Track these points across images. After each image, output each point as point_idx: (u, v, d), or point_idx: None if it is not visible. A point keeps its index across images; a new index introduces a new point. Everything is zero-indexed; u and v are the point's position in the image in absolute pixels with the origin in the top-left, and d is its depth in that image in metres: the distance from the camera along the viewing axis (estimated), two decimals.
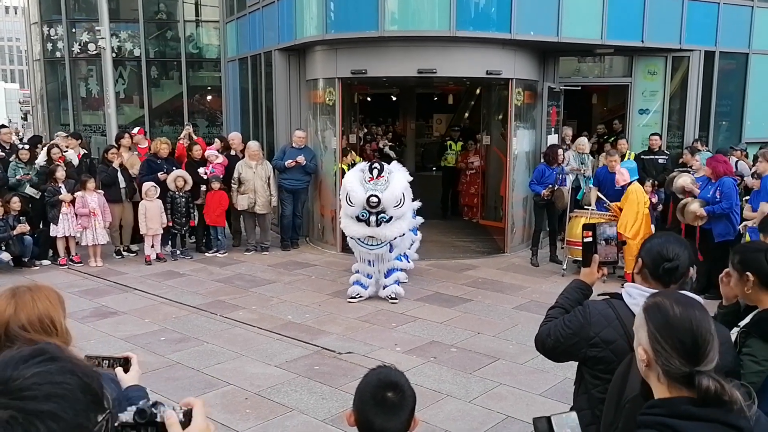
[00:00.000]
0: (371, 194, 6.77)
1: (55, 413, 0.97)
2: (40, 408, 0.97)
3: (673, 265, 2.23)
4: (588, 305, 2.41)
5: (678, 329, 1.54)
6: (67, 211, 8.71)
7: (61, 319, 2.11)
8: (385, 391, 1.76)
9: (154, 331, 6.37)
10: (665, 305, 1.60)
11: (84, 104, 16.04)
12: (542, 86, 10.06)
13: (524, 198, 9.83)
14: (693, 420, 1.43)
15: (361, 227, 6.98)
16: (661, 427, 1.45)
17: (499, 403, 4.85)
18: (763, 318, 2.44)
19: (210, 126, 15.74)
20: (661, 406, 1.50)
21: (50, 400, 0.98)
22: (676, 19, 9.99)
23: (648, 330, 1.58)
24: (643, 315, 1.62)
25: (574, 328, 2.37)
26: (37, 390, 0.98)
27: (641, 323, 1.61)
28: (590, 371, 2.37)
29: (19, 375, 0.99)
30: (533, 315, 6.63)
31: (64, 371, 1.03)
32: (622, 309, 2.28)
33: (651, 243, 2.34)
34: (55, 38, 15.77)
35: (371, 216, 6.86)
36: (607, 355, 2.29)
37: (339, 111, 9.53)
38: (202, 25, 15.74)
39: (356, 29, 8.99)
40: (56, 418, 0.97)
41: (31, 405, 0.97)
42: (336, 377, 5.26)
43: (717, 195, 7.07)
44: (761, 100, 11.40)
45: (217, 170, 9.57)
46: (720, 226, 7.09)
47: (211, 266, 8.98)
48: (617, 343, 2.26)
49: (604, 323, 2.31)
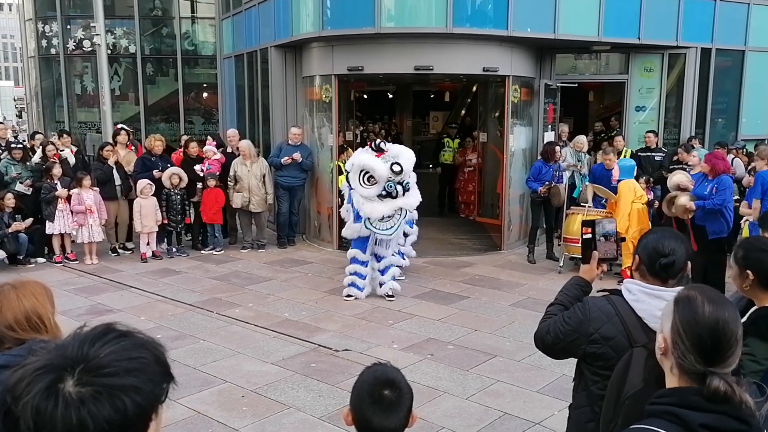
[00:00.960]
0: (393, 162, 6.81)
1: (137, 386, 1.03)
2: (122, 383, 1.02)
3: (669, 260, 2.22)
4: (587, 302, 2.40)
5: (703, 328, 1.53)
6: (63, 208, 8.68)
7: (50, 314, 2.07)
8: (382, 389, 1.74)
9: (150, 329, 6.33)
10: (697, 301, 1.58)
11: (79, 101, 15.97)
12: (539, 83, 10.06)
13: (521, 195, 9.83)
14: (701, 411, 1.43)
15: (387, 203, 6.87)
16: (669, 416, 1.45)
17: (496, 400, 4.85)
18: (761, 316, 2.44)
19: (206, 123, 15.69)
20: (671, 395, 1.50)
21: (130, 374, 1.03)
22: (673, 17, 9.99)
23: (673, 321, 1.56)
24: (673, 305, 1.60)
25: (573, 325, 2.36)
26: (117, 366, 1.03)
27: (668, 312, 1.60)
28: (590, 368, 2.36)
29: (96, 353, 1.04)
30: (530, 312, 6.64)
31: (137, 346, 1.08)
32: (621, 305, 2.27)
33: (647, 239, 2.33)
34: (50, 35, 15.68)
35: (398, 186, 6.86)
36: (607, 352, 2.28)
37: (335, 108, 9.50)
38: (197, 21, 15.68)
39: (353, 26, 8.96)
40: (138, 390, 1.03)
41: (114, 380, 1.02)
42: (333, 374, 5.25)
43: (713, 192, 7.06)
44: (757, 98, 11.41)
45: (214, 167, 9.53)
46: (714, 223, 7.08)
47: (208, 264, 8.96)
48: (617, 339, 2.25)
49: (604, 319, 2.31)
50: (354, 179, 7.00)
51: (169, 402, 1.31)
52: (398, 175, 6.81)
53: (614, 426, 1.76)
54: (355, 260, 7.32)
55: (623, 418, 1.70)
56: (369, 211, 6.92)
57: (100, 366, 1.02)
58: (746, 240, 2.75)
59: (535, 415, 4.58)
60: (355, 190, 7.02)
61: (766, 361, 2.34)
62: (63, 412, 0.98)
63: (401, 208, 6.98)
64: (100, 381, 1.01)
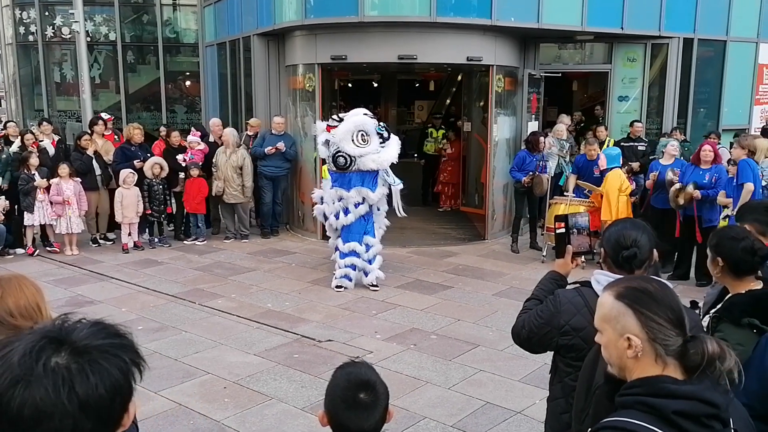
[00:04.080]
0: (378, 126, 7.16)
1: (121, 357, 1.10)
2: (106, 356, 1.08)
3: (631, 252, 2.23)
4: (558, 294, 2.42)
5: (663, 301, 1.55)
6: (43, 199, 8.54)
7: (47, 306, 2.13)
8: (358, 393, 1.68)
9: (131, 321, 6.27)
10: (640, 286, 1.60)
11: (58, 89, 15.68)
12: (523, 73, 10.05)
13: (505, 185, 9.85)
14: (671, 398, 1.43)
15: (393, 147, 7.14)
16: (641, 405, 1.45)
17: (478, 389, 4.87)
18: (734, 303, 2.48)
19: (188, 112, 15.50)
20: (640, 385, 1.49)
21: (112, 349, 1.10)
22: (656, 7, 10.02)
23: (635, 313, 1.54)
24: (621, 303, 1.57)
25: (545, 318, 2.38)
26: (99, 343, 1.09)
27: (620, 312, 1.57)
28: (563, 359, 2.39)
29: (75, 334, 1.09)
30: (513, 301, 6.67)
31: (110, 328, 1.15)
32: (590, 296, 2.29)
33: (609, 232, 2.34)
34: (28, 22, 15.37)
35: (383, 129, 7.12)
36: (578, 343, 2.30)
37: (319, 97, 9.43)
38: (179, 8, 15.43)
39: (336, 14, 8.88)
40: (120, 364, 1.09)
41: (97, 355, 1.07)
42: (315, 365, 5.25)
43: (713, 181, 7.23)
44: (738, 88, 11.51)
45: (197, 157, 9.44)
46: (709, 212, 7.24)
47: (190, 254, 8.89)
48: (587, 330, 2.26)
49: (574, 311, 2.33)
50: (349, 137, 6.93)
51: (150, 394, 1.31)
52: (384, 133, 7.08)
53: (585, 416, 1.77)
54: (354, 253, 7.24)
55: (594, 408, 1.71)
56: (386, 158, 7.06)
57: (84, 344, 1.07)
58: (720, 228, 2.79)
59: (517, 404, 4.61)
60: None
61: (739, 347, 2.38)
62: (52, 386, 1.01)
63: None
64: (86, 357, 1.06)
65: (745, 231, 2.70)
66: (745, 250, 2.46)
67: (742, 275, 2.51)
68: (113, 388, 1.06)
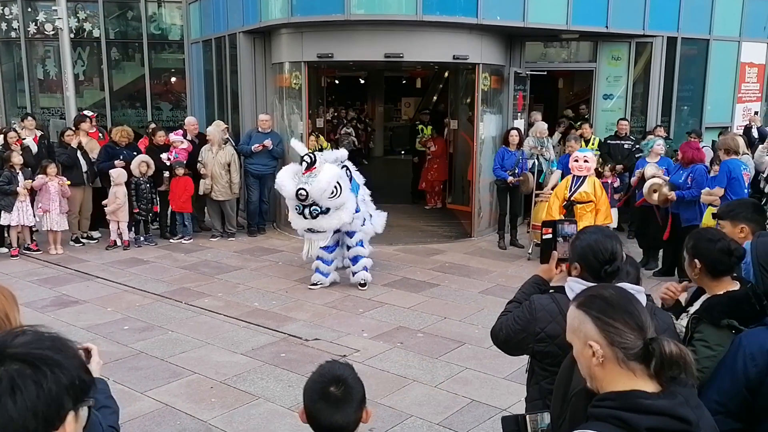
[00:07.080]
0: (299, 188, 6.54)
1: (61, 362, 1.08)
2: (45, 361, 1.07)
3: (614, 267, 2.26)
4: (533, 300, 2.45)
5: (618, 306, 1.57)
6: (24, 200, 8.42)
7: (16, 315, 2.08)
8: (329, 386, 1.77)
9: (117, 320, 6.26)
10: (597, 293, 1.65)
11: (42, 86, 15.49)
12: (509, 71, 10.10)
13: (491, 182, 9.88)
14: (644, 413, 1.45)
15: (301, 220, 6.78)
16: (614, 419, 1.46)
17: (464, 387, 4.91)
18: (713, 304, 2.52)
19: (174, 109, 15.38)
20: (614, 399, 1.51)
21: (57, 353, 1.09)
22: (640, 5, 10.10)
23: (592, 320, 1.58)
24: (580, 311, 1.61)
25: (522, 324, 2.42)
26: (42, 348, 1.09)
27: (581, 320, 1.61)
28: (539, 364, 2.43)
29: (13, 343, 1.09)
30: (499, 299, 6.70)
31: (54, 336, 1.14)
32: (565, 303, 2.31)
33: (581, 247, 2.33)
34: (10, 18, 15.15)
35: (305, 209, 6.65)
36: (553, 350, 2.34)
37: (305, 95, 9.42)
38: (164, 5, 15.28)
39: (322, 12, 8.86)
40: (60, 367, 1.08)
41: (39, 360, 1.07)
42: (302, 364, 5.25)
43: (689, 181, 7.25)
44: (721, 86, 11.65)
45: (181, 156, 9.39)
46: (687, 211, 7.29)
47: (176, 253, 8.85)
48: (561, 337, 2.28)
49: (549, 318, 2.36)
50: (326, 202, 6.68)
51: (136, 394, 1.32)
52: (303, 201, 6.58)
53: (562, 422, 1.80)
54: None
55: (570, 414, 1.74)
56: (291, 219, 7.00)
57: (20, 348, 1.08)
58: (696, 230, 2.83)
59: (502, 402, 4.66)
60: None
61: (718, 347, 2.42)
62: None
63: None
64: (23, 362, 1.06)
65: (721, 232, 2.75)
66: (722, 251, 2.51)
67: (719, 276, 2.55)
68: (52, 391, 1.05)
